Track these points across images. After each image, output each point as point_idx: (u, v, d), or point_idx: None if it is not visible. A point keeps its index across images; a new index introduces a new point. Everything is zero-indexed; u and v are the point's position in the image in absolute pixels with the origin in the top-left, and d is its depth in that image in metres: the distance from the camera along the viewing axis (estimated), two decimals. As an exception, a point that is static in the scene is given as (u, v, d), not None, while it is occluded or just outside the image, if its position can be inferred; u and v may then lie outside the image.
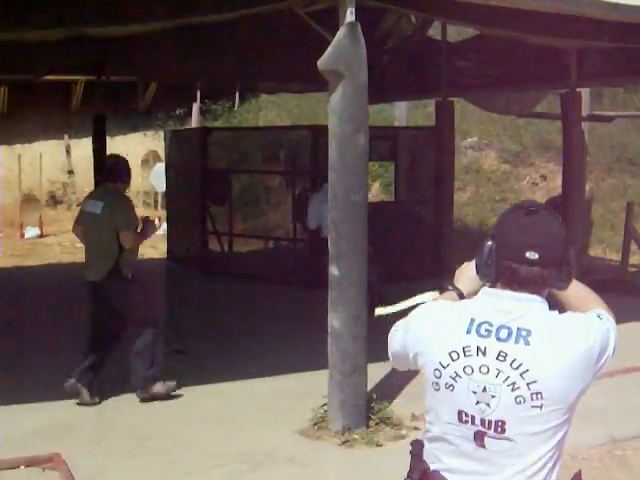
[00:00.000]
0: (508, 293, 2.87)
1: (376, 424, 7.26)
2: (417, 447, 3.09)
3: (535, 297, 2.87)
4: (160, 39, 14.17)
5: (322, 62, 6.86)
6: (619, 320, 3.06)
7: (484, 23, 9.29)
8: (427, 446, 3.02)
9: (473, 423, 2.84)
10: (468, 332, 2.85)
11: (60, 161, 26.96)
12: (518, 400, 2.77)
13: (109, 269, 8.05)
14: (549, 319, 2.87)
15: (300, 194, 14.80)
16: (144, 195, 24.83)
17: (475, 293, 3.08)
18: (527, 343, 2.79)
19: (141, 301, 8.44)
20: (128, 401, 8.08)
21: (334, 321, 7.07)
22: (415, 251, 14.30)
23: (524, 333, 2.80)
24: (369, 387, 7.69)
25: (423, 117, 20.51)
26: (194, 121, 27.17)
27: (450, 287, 3.24)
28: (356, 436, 7.03)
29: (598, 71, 12.02)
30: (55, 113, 26.81)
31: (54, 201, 26.27)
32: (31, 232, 22.04)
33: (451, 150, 14.68)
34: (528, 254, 2.80)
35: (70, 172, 25.57)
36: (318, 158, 13.31)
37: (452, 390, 2.87)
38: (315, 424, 7.34)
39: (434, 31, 15.46)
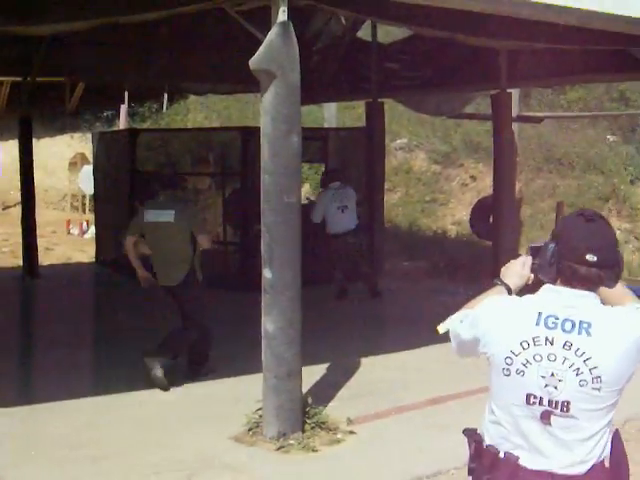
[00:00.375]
0: (568, 290, 3.29)
1: (312, 428, 7.14)
2: (475, 435, 3.49)
3: (591, 294, 3.30)
4: (87, 39, 13.97)
5: (254, 62, 6.74)
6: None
7: (417, 23, 9.26)
8: (490, 429, 3.43)
9: (541, 404, 3.27)
10: (537, 324, 3.28)
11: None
12: (581, 383, 3.21)
13: (185, 273, 8.56)
14: (605, 313, 3.31)
15: (230, 196, 14.66)
16: (72, 198, 24.42)
17: (520, 288, 3.55)
18: (589, 334, 3.23)
19: (204, 306, 8.86)
20: (60, 409, 7.85)
21: (268, 325, 6.95)
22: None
23: (585, 325, 3.23)
24: (303, 391, 7.61)
25: (352, 119, 20.49)
26: (122, 123, 26.83)
27: (499, 282, 3.59)
28: (292, 441, 6.91)
29: (529, 72, 12.05)
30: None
31: (-20, 206, 25.74)
32: (-45, 237, 21.55)
33: (382, 151, 14.62)
34: (588, 257, 3.22)
35: (-4, 176, 25.03)
36: (248, 159, 13.23)
37: (522, 375, 3.28)
38: (250, 430, 7.20)
39: (364, 33, 15.41)
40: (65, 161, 23.98)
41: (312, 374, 8.60)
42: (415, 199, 19.93)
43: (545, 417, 3.27)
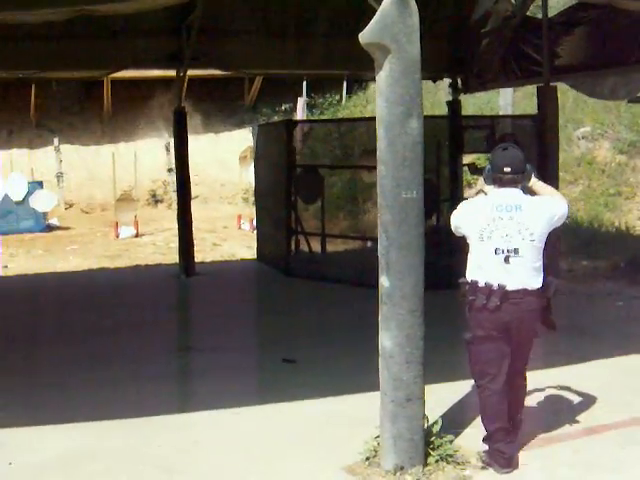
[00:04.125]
0: (502, 189, 6.01)
1: (436, 462, 6.10)
2: (471, 281, 6.02)
3: (515, 189, 5.99)
4: (242, 28, 13.48)
5: (364, 35, 5.79)
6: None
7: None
8: (479, 274, 5.95)
9: (503, 252, 5.88)
10: (492, 210, 5.92)
11: (161, 159, 26.53)
12: (523, 237, 5.87)
13: None
14: (528, 199, 6.01)
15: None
16: (243, 192, 24.16)
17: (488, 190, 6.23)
18: (522, 210, 5.90)
19: None
20: (163, 424, 7.11)
21: (385, 341, 5.98)
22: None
23: (518, 206, 5.91)
24: (437, 413, 6.67)
25: (533, 107, 19.13)
26: (299, 115, 26.51)
27: (480, 190, 6.58)
28: (409, 477, 5.92)
29: None
30: (157, 111, 26.35)
31: (155, 200, 25.84)
32: (126, 232, 21.62)
33: (555, 141, 13.28)
34: (505, 169, 5.96)
35: (170, 170, 24.99)
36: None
37: (491, 239, 5.89)
38: (367, 459, 6.23)
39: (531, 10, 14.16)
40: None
41: (454, 392, 7.59)
42: (598, 192, 18.36)
43: (506, 259, 5.86)
